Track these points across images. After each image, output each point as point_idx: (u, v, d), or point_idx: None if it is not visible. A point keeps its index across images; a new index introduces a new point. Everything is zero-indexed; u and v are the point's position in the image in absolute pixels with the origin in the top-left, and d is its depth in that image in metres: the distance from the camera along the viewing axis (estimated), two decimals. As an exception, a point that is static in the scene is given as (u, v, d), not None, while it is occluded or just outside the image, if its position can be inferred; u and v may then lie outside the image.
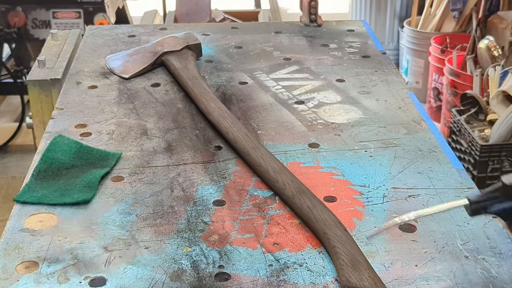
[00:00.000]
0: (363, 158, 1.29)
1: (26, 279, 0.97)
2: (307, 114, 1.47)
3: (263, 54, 1.79)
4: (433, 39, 4.02)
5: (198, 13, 3.73)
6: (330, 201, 1.16)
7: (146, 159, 1.29)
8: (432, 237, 1.07)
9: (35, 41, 3.30)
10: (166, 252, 1.03)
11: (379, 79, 1.64)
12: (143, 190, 1.19)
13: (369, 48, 1.83)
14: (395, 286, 0.96)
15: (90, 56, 1.77)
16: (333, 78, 1.65)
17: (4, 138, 3.59)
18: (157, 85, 1.61)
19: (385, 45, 4.67)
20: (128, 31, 1.96)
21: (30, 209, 1.13)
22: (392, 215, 1.12)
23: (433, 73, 4.02)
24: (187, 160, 1.29)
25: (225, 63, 1.74)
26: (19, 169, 3.39)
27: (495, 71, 3.25)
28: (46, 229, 1.08)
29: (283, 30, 1.96)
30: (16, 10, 3.27)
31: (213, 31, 1.96)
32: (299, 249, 1.04)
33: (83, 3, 3.24)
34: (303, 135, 1.39)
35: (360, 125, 1.42)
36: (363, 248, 1.04)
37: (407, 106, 1.50)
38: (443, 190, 1.19)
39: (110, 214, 1.12)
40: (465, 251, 1.03)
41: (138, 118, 1.45)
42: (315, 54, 1.79)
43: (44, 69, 1.70)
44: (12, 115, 3.96)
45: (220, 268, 1.00)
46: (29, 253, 1.02)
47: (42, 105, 1.66)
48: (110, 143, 1.34)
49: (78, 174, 1.21)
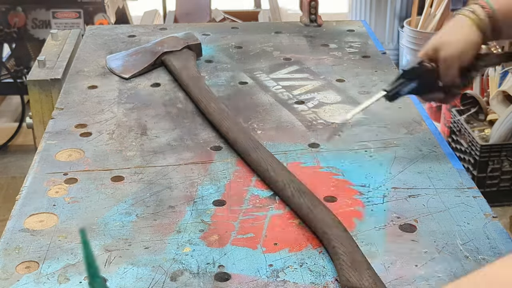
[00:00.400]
0: (363, 158, 1.29)
1: (26, 279, 0.97)
2: (307, 114, 1.47)
3: (263, 54, 1.79)
4: (433, 39, 4.01)
5: (198, 13, 3.73)
6: (330, 201, 1.16)
7: (146, 159, 1.29)
8: (432, 237, 1.07)
9: (35, 41, 3.30)
10: (166, 252, 1.03)
11: (379, 79, 1.64)
12: (143, 190, 1.19)
13: (369, 48, 1.83)
14: (395, 286, 0.96)
15: (90, 56, 1.77)
16: (333, 78, 1.65)
17: (4, 138, 3.59)
18: (157, 85, 1.61)
19: (385, 45, 4.66)
20: (128, 31, 1.96)
21: (30, 209, 1.13)
22: (392, 215, 1.12)
23: (433, 73, 4.01)
24: (187, 160, 1.29)
25: (225, 63, 1.74)
26: (19, 169, 3.39)
27: (495, 71, 3.25)
28: (46, 229, 1.08)
29: (283, 30, 1.96)
30: (16, 10, 3.27)
31: (213, 31, 1.96)
32: (299, 249, 1.04)
33: (83, 3, 3.24)
34: (303, 135, 1.39)
35: (360, 125, 1.42)
36: (363, 248, 1.04)
37: (407, 106, 1.50)
38: (443, 190, 1.19)
39: (110, 214, 1.12)
40: (465, 251, 1.03)
41: (138, 118, 1.45)
42: (315, 54, 1.79)
43: (44, 69, 1.70)
44: (12, 115, 3.96)
45: (220, 268, 1.00)
46: (29, 253, 1.02)
47: (42, 105, 1.66)
48: (110, 143, 1.34)
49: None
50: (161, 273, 0.98)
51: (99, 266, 0.67)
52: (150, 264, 1.00)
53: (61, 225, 1.09)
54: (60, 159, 1.29)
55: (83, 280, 0.97)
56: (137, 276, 0.98)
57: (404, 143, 1.35)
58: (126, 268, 1.00)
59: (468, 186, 1.20)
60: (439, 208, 1.14)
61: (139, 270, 0.99)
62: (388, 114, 1.47)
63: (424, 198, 1.17)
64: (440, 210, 1.13)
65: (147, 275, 0.98)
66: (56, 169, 1.25)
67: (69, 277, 0.97)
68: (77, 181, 1.21)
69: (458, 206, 1.14)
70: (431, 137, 1.37)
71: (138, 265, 1.00)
